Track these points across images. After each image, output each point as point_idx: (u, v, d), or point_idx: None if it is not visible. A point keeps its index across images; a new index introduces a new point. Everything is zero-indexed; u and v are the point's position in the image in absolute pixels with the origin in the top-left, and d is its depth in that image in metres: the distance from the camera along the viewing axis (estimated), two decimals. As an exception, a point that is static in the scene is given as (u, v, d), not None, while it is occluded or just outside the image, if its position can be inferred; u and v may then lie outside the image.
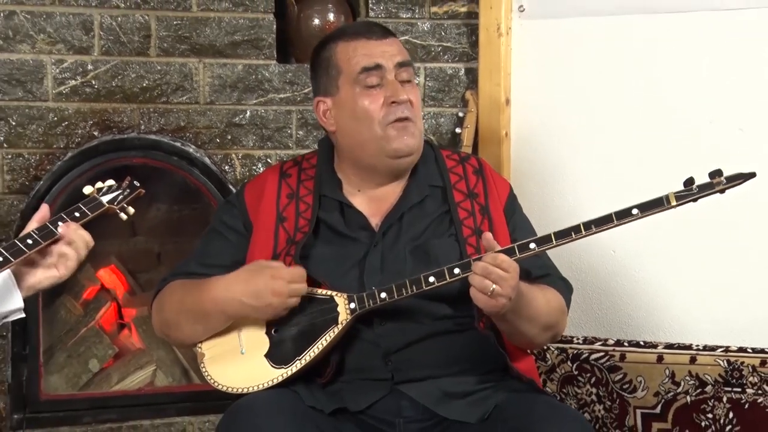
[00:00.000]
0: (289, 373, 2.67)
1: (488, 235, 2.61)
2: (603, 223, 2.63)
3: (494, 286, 2.52)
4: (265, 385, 2.66)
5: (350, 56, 2.82)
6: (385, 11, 4.13)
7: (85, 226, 2.52)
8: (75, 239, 2.46)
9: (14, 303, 2.47)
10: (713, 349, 3.65)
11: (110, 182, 2.65)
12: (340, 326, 2.66)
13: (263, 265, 2.71)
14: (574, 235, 2.63)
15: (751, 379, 3.58)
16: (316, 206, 2.84)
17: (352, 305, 2.65)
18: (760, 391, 3.57)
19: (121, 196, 2.63)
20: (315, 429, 2.57)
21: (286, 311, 2.66)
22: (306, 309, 2.67)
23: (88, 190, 2.61)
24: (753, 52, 3.69)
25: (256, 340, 2.72)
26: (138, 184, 2.69)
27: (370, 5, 4.14)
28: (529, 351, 2.91)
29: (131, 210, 2.67)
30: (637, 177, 3.59)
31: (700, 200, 2.63)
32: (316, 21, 4.12)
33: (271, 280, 2.65)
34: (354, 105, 2.81)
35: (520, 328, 2.70)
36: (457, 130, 4.08)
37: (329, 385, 2.70)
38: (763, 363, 3.57)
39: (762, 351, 3.59)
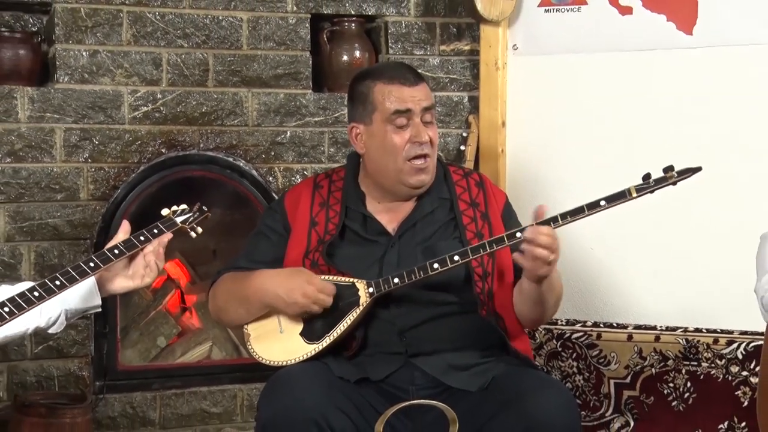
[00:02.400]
0: (320, 348, 2.66)
1: (543, 206, 2.62)
2: (575, 213, 2.63)
3: (552, 255, 2.53)
4: (300, 359, 2.66)
5: (386, 97, 2.78)
6: (402, 49, 4.13)
7: None
8: (157, 254, 2.48)
9: (94, 302, 2.48)
10: (674, 329, 3.64)
11: (183, 206, 2.64)
12: (361, 308, 2.65)
13: (303, 271, 2.71)
14: (553, 225, 2.61)
15: (705, 354, 3.56)
16: (342, 214, 2.83)
17: (371, 290, 2.65)
18: (713, 365, 3.55)
19: (191, 218, 2.63)
20: (342, 395, 2.57)
21: (307, 315, 2.67)
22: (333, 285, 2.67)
23: (165, 212, 2.61)
24: (703, 80, 3.71)
25: (292, 321, 2.71)
26: (206, 209, 2.67)
27: (390, 44, 4.14)
28: (530, 329, 2.88)
29: (199, 230, 2.65)
30: (610, 183, 3.58)
31: (657, 191, 2.61)
32: (345, 57, 4.11)
33: (305, 284, 2.65)
34: (384, 139, 2.78)
35: (546, 297, 2.67)
36: (462, 147, 4.08)
37: (354, 358, 2.70)
38: (715, 341, 3.56)
39: (714, 331, 3.58)
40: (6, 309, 2.17)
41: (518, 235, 2.61)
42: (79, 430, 3.59)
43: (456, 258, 2.61)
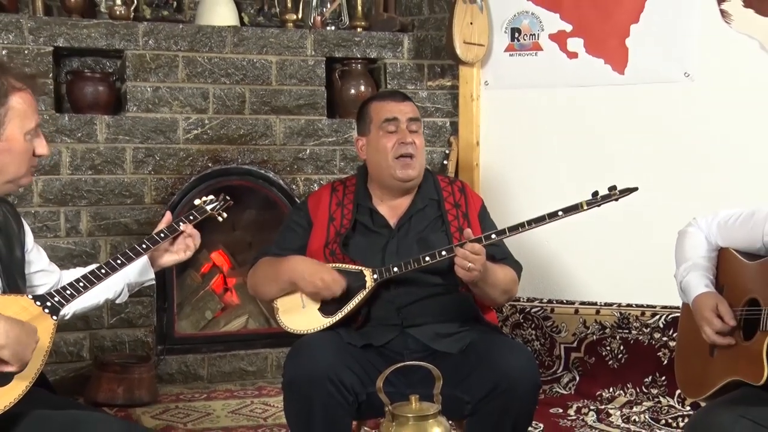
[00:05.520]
0: (333, 321, 2.65)
1: (468, 230, 2.60)
2: (539, 220, 2.61)
3: (470, 264, 2.51)
4: (318, 329, 2.64)
5: (379, 110, 2.80)
6: (397, 85, 4.13)
7: (197, 224, 2.51)
8: (192, 234, 2.46)
9: (149, 276, 2.47)
10: (611, 304, 3.66)
11: (211, 196, 2.62)
12: (366, 290, 2.64)
13: (327, 266, 2.69)
14: (520, 229, 2.61)
15: (635, 324, 3.57)
16: (354, 211, 2.81)
17: (375, 276, 2.63)
18: (640, 333, 3.56)
19: (218, 206, 2.61)
20: (350, 357, 2.55)
21: (318, 297, 2.65)
22: (345, 279, 2.65)
23: (197, 201, 2.60)
24: (633, 111, 3.70)
25: (312, 299, 2.69)
26: (229, 198, 2.65)
27: (388, 81, 4.15)
28: (493, 308, 2.88)
29: (225, 215, 2.62)
30: (565, 193, 3.58)
31: (603, 205, 2.61)
32: (353, 90, 4.12)
33: (326, 272, 2.64)
34: (377, 142, 2.78)
35: (487, 291, 2.67)
36: (445, 162, 4.08)
37: (360, 328, 2.68)
38: (642, 314, 3.58)
39: (642, 306, 3.59)
40: (81, 284, 2.16)
41: (493, 236, 2.61)
42: (145, 384, 3.60)
43: (443, 253, 2.59)
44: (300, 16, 4.10)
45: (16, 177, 2.11)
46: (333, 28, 4.17)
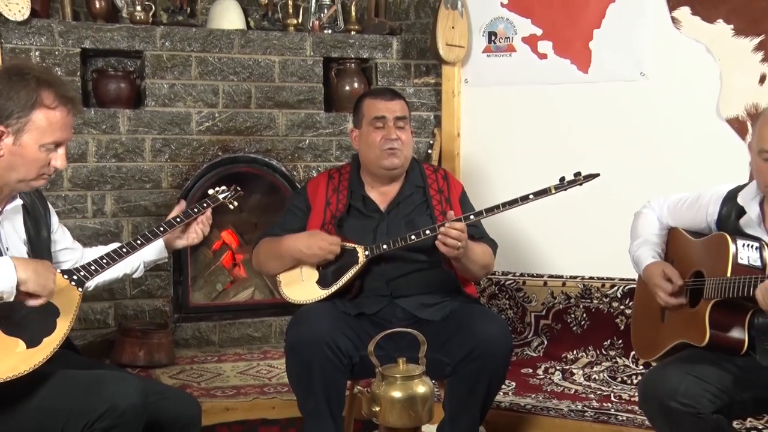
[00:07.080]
0: (330, 293, 2.68)
1: (450, 212, 2.63)
2: (512, 203, 2.63)
3: (455, 241, 2.54)
4: (316, 299, 2.67)
5: (370, 108, 2.82)
6: (387, 82, 4.13)
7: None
8: (204, 222, 2.48)
9: (163, 255, 2.50)
10: (575, 277, 3.68)
11: (224, 187, 2.64)
12: (359, 265, 2.66)
13: (318, 232, 2.73)
14: (496, 211, 2.63)
15: (596, 294, 3.61)
16: (348, 197, 2.84)
17: (367, 252, 2.66)
18: (601, 302, 3.60)
19: (229, 195, 2.63)
20: (345, 324, 2.59)
21: (324, 261, 2.68)
22: (340, 255, 2.68)
23: (210, 191, 2.62)
24: (596, 106, 3.71)
25: (311, 273, 2.72)
26: (239, 188, 2.67)
27: (378, 79, 4.14)
28: (472, 282, 2.91)
29: (236, 203, 2.65)
30: (536, 178, 3.60)
31: (569, 189, 2.64)
32: (347, 87, 4.11)
33: (320, 241, 2.66)
34: (368, 137, 2.81)
35: (467, 267, 2.70)
36: (429, 151, 4.09)
37: (354, 299, 2.71)
38: (603, 285, 3.61)
39: (603, 278, 3.62)
40: (104, 260, 2.19)
41: (471, 217, 2.64)
42: (163, 348, 3.61)
43: (427, 232, 2.62)
44: (300, 20, 4.10)
45: (26, 179, 2.09)
46: (329, 31, 4.17)
